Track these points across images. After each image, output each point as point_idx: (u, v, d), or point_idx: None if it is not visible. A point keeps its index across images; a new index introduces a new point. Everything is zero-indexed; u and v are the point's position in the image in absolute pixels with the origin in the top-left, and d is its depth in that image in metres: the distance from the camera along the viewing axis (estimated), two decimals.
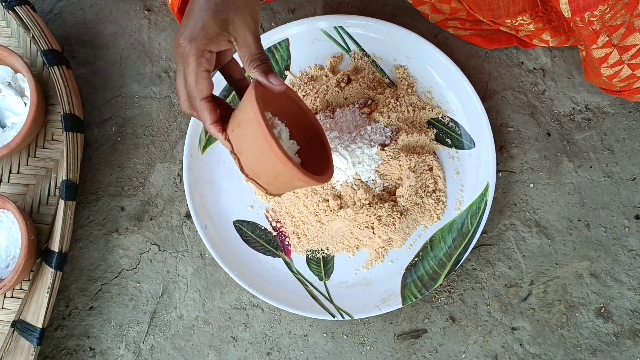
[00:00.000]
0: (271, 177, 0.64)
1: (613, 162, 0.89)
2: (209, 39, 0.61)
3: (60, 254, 0.82)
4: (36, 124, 0.84)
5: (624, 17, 0.74)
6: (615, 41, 0.77)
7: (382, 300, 0.83)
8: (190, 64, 0.60)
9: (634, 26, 0.75)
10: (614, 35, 0.76)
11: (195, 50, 0.60)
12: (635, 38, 0.75)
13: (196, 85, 0.61)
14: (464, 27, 0.91)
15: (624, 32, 0.76)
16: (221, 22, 0.61)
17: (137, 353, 0.86)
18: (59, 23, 0.94)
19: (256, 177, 0.65)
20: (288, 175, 0.62)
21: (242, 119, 0.62)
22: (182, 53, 0.60)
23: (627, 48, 0.78)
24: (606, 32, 0.76)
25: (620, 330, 0.85)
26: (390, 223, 0.82)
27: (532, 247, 0.87)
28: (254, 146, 0.62)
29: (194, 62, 0.60)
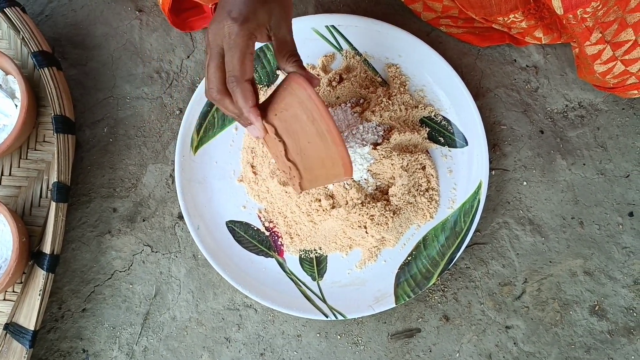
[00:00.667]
0: (316, 163, 0.65)
1: (606, 159, 0.89)
2: (258, 25, 0.61)
3: (52, 256, 0.81)
4: (27, 126, 0.83)
5: (617, 13, 0.74)
6: (608, 37, 0.77)
7: (376, 299, 0.83)
8: (240, 45, 0.59)
9: (626, 22, 0.75)
10: (607, 31, 0.76)
11: (247, 31, 0.59)
12: (628, 34, 0.75)
13: (242, 65, 0.60)
14: (456, 25, 0.90)
15: (617, 28, 0.76)
16: (267, 13, 0.61)
17: (130, 355, 0.86)
18: (49, 24, 0.94)
19: (298, 162, 0.65)
20: (334, 160, 0.63)
21: (291, 102, 0.63)
22: (229, 33, 0.59)
23: (620, 44, 0.77)
24: (599, 28, 0.76)
25: (615, 328, 0.85)
26: (383, 222, 0.82)
27: (525, 245, 0.87)
28: (306, 128, 0.63)
29: (242, 41, 0.59)
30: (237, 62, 0.60)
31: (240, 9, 0.59)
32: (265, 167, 0.85)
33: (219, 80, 0.61)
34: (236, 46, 0.59)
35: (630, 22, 0.75)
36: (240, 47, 0.59)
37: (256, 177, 0.86)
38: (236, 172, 0.88)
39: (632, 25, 0.75)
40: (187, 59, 0.93)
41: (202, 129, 0.88)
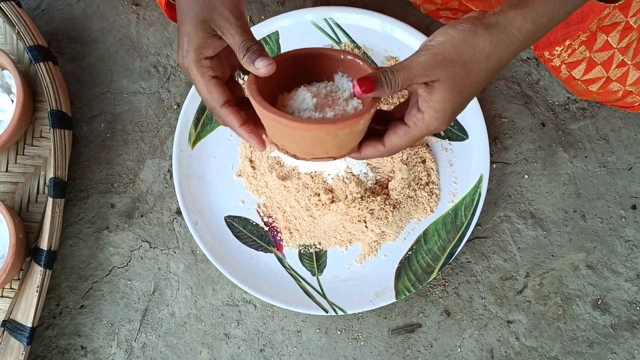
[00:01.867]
0: (318, 146, 0.60)
1: (609, 152, 0.88)
2: (199, 47, 0.58)
3: (49, 252, 0.81)
4: (23, 122, 0.83)
5: (584, 54, 0.75)
6: (577, 75, 0.78)
7: (376, 294, 0.82)
8: (196, 78, 0.58)
9: (595, 61, 0.75)
10: (575, 70, 0.77)
11: (192, 63, 0.58)
12: (598, 71, 0.76)
13: (210, 94, 0.59)
14: (456, 17, 0.89)
15: (585, 67, 0.76)
16: (202, 25, 0.59)
17: (129, 351, 0.85)
18: (46, 19, 0.93)
19: (310, 155, 0.61)
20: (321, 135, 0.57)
21: (260, 116, 0.60)
22: (186, 72, 0.59)
23: (592, 81, 0.78)
24: (567, 67, 0.77)
25: (618, 322, 0.84)
26: (382, 216, 0.81)
27: (527, 239, 0.86)
28: (282, 134, 0.59)
29: (197, 74, 0.58)
30: (205, 94, 0.59)
31: (181, 43, 0.58)
32: (263, 162, 0.84)
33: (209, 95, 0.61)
34: (194, 81, 0.59)
35: (599, 61, 0.75)
36: (197, 80, 0.58)
37: (255, 171, 0.85)
38: (234, 166, 0.87)
39: (600, 63, 0.76)
40: None
41: (200, 123, 0.87)
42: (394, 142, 0.58)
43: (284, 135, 0.60)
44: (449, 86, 0.54)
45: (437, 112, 0.55)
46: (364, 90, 0.54)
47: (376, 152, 0.60)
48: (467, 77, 0.54)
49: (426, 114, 0.55)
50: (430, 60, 0.54)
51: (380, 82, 0.54)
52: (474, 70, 0.54)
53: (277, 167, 0.83)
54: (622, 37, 0.74)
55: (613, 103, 0.84)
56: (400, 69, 0.54)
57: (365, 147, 0.60)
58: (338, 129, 0.55)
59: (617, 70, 0.76)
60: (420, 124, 0.56)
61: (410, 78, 0.54)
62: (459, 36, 0.54)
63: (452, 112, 0.55)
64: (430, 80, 0.54)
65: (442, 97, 0.54)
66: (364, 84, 0.54)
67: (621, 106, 0.84)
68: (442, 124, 0.56)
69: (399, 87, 0.55)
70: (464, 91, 0.55)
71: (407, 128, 0.57)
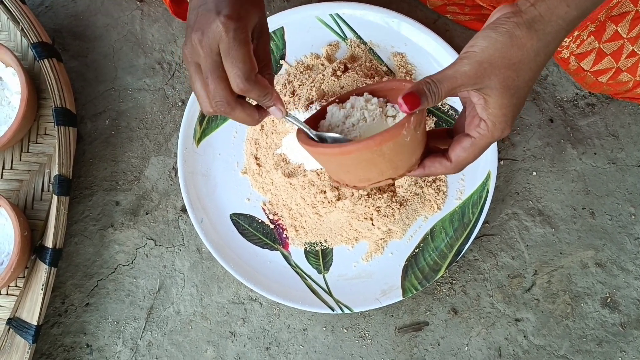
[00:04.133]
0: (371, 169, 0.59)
1: (618, 148, 0.87)
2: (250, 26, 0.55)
3: (54, 250, 0.81)
4: (27, 119, 0.82)
5: (593, 45, 0.74)
6: (587, 67, 0.76)
7: (382, 292, 0.81)
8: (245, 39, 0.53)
9: (604, 51, 0.74)
10: (584, 61, 0.76)
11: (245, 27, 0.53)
12: (608, 62, 0.75)
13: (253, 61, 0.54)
14: (463, 12, 0.88)
15: (594, 58, 0.75)
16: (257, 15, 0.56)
17: (134, 349, 0.85)
18: (50, 15, 0.93)
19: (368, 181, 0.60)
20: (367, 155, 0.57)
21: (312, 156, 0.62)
22: (226, 31, 0.52)
23: (601, 72, 0.77)
24: (576, 59, 0.76)
25: (627, 321, 0.83)
26: (389, 214, 0.81)
27: (535, 237, 0.85)
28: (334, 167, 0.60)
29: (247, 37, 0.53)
30: (248, 60, 0.53)
31: (233, 6, 0.53)
32: (269, 159, 0.83)
33: (225, 90, 0.55)
34: (240, 42, 0.53)
35: (609, 52, 0.74)
36: (246, 42, 0.53)
37: (260, 168, 0.85)
38: (240, 164, 0.87)
39: (610, 54, 0.74)
40: None
41: (205, 120, 0.86)
42: (461, 156, 0.57)
43: (336, 167, 0.60)
44: (502, 92, 0.52)
45: (497, 117, 0.54)
46: (411, 107, 0.53)
47: (442, 167, 0.58)
48: (519, 78, 0.52)
49: (488, 121, 0.54)
50: (475, 69, 0.52)
51: (425, 95, 0.53)
52: (524, 70, 0.52)
53: (283, 164, 0.82)
54: (632, 27, 0.72)
55: (623, 95, 0.83)
56: (443, 79, 0.53)
57: (430, 163, 0.58)
58: (380, 144, 0.54)
59: (627, 61, 0.75)
60: (484, 132, 0.55)
61: (454, 88, 0.53)
62: (503, 39, 0.51)
63: (512, 114, 0.54)
64: (477, 87, 0.53)
65: (498, 103, 0.53)
66: (409, 101, 0.53)
67: (631, 97, 0.83)
68: (506, 129, 0.55)
69: (442, 98, 0.54)
70: (519, 92, 0.53)
71: (472, 139, 0.56)
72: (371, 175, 0.59)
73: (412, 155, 0.58)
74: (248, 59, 0.53)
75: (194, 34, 0.53)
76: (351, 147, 0.55)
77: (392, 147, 0.55)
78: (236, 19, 0.52)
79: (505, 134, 0.55)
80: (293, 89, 0.83)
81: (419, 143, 0.58)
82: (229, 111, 0.56)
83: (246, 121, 0.58)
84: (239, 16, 0.53)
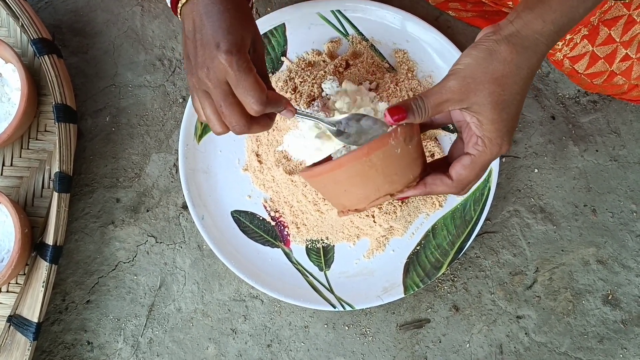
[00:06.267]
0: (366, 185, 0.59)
1: (620, 146, 0.87)
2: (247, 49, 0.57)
3: (55, 247, 0.80)
4: (28, 115, 0.82)
5: (586, 48, 0.74)
6: (580, 69, 0.77)
7: (384, 290, 0.81)
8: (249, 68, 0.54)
9: (597, 55, 0.74)
10: (578, 64, 0.76)
11: (245, 56, 0.55)
12: (601, 65, 0.76)
13: (262, 85, 0.55)
14: (465, 9, 0.88)
15: (588, 61, 0.75)
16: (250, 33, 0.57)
17: (135, 347, 0.85)
18: (50, 11, 0.92)
19: (366, 199, 0.60)
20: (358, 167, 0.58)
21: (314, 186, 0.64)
22: (229, 65, 0.54)
23: (595, 75, 0.77)
24: (569, 62, 0.76)
25: (629, 318, 0.83)
26: (391, 211, 0.81)
27: (537, 234, 0.85)
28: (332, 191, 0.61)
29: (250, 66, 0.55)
30: (257, 86, 0.55)
31: (228, 39, 0.54)
32: (270, 156, 0.83)
33: (240, 114, 0.56)
34: (245, 71, 0.54)
35: (602, 55, 0.74)
36: (250, 69, 0.55)
37: (261, 165, 0.84)
38: (241, 160, 0.86)
39: (603, 57, 0.75)
40: None
41: None
42: (461, 174, 0.58)
43: (334, 188, 0.61)
44: (491, 107, 0.54)
45: (492, 133, 0.55)
46: (396, 119, 0.56)
47: (444, 185, 0.59)
48: (505, 92, 0.54)
49: (485, 138, 0.55)
50: (459, 84, 0.54)
51: (411, 109, 0.55)
52: (508, 84, 0.54)
53: (284, 161, 0.82)
54: (625, 31, 0.73)
55: (620, 96, 0.83)
56: (430, 95, 0.55)
57: (431, 180, 0.59)
58: (368, 154, 0.56)
59: (621, 64, 0.75)
60: (482, 149, 0.56)
61: (440, 103, 0.55)
62: (484, 55, 0.53)
63: (506, 129, 0.55)
64: (466, 105, 0.54)
65: (489, 119, 0.54)
66: (395, 113, 0.55)
67: (628, 99, 0.83)
68: (504, 144, 0.56)
69: (429, 113, 0.56)
70: (508, 106, 0.54)
71: (472, 156, 0.57)
72: (368, 192, 0.60)
73: (407, 171, 0.59)
74: (257, 85, 0.55)
75: (199, 70, 0.55)
76: (342, 159, 0.57)
77: (381, 157, 0.56)
78: (236, 51, 0.54)
79: (504, 150, 0.56)
80: (294, 86, 0.83)
81: (414, 160, 0.59)
82: (246, 130, 0.58)
83: (263, 130, 0.61)
84: (238, 47, 0.54)
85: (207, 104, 0.57)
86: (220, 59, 0.53)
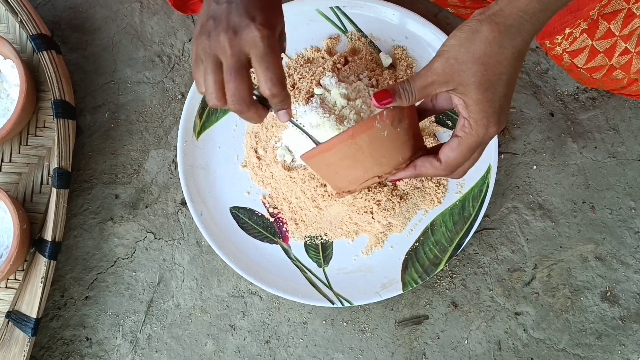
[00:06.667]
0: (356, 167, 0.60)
1: (619, 142, 0.87)
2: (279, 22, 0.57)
3: (53, 243, 0.80)
4: (26, 111, 0.82)
5: (585, 42, 0.74)
6: (580, 64, 0.77)
7: (382, 286, 0.81)
8: (277, 49, 0.55)
9: (597, 49, 0.74)
10: (577, 58, 0.76)
11: (276, 36, 0.55)
12: (601, 59, 0.75)
13: (282, 70, 0.55)
14: (464, 6, 0.88)
15: (587, 55, 0.75)
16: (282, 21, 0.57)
17: (134, 343, 0.85)
18: (49, 8, 0.92)
19: (357, 181, 0.61)
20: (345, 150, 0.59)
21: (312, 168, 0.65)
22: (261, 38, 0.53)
23: (595, 69, 0.77)
24: (569, 56, 0.76)
25: (627, 314, 0.83)
26: (389, 207, 0.81)
27: (535, 231, 0.85)
28: (325, 172, 0.63)
29: (278, 48, 0.55)
30: (280, 66, 0.54)
31: (266, 14, 0.54)
32: (269, 152, 0.83)
33: (246, 90, 0.55)
34: (274, 49, 0.54)
35: (601, 49, 0.74)
36: (278, 50, 0.54)
37: (260, 162, 0.84)
38: (240, 157, 0.86)
39: (602, 51, 0.75)
40: (188, 43, 0.91)
41: (205, 113, 0.86)
42: (450, 156, 0.58)
43: (327, 170, 0.62)
44: (475, 87, 0.53)
45: (477, 114, 0.55)
46: (383, 104, 0.56)
47: (432, 167, 0.59)
48: (487, 72, 0.53)
49: (470, 119, 0.55)
50: (443, 65, 0.54)
51: (397, 92, 0.55)
52: (491, 63, 0.53)
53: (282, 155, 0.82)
54: (625, 25, 0.73)
55: (619, 91, 0.83)
56: (416, 78, 0.55)
57: (420, 163, 0.60)
58: (353, 136, 0.57)
59: (620, 58, 0.75)
60: (468, 130, 0.56)
61: (426, 85, 0.55)
62: (466, 35, 0.53)
63: (492, 110, 0.55)
64: (452, 87, 0.54)
65: (473, 99, 0.54)
66: (381, 97, 0.56)
67: (627, 94, 0.83)
68: (490, 125, 0.55)
69: (416, 95, 0.55)
70: (493, 86, 0.54)
71: (459, 138, 0.57)
72: (357, 174, 0.60)
73: (397, 153, 0.59)
74: (280, 66, 0.55)
75: (223, 32, 0.53)
76: (330, 142, 0.58)
77: (367, 140, 0.57)
78: (271, 27, 0.54)
79: (492, 131, 0.56)
80: (293, 82, 0.83)
81: (404, 143, 0.59)
82: (244, 110, 0.56)
83: (254, 120, 0.59)
84: (272, 25, 0.54)
85: (211, 70, 0.55)
86: (255, 29, 0.52)
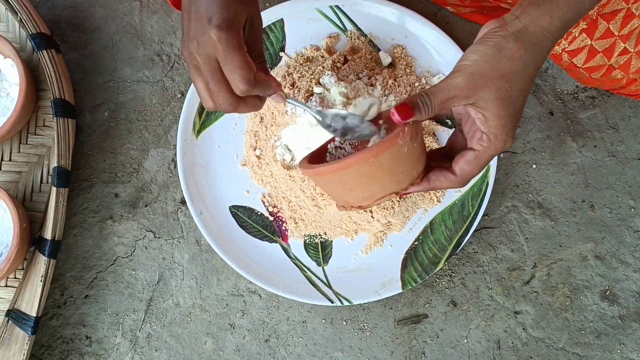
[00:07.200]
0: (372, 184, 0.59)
1: (618, 141, 0.87)
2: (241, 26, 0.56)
3: (53, 242, 0.80)
4: (26, 110, 0.82)
5: (584, 42, 0.74)
6: (579, 63, 0.77)
7: (382, 285, 0.81)
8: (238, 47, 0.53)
9: (596, 49, 0.74)
10: (576, 58, 0.76)
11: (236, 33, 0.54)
12: (600, 59, 0.75)
13: (250, 64, 0.54)
14: (463, 4, 0.88)
15: (587, 55, 0.75)
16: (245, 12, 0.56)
17: (133, 341, 0.85)
18: (48, 7, 0.92)
19: (371, 198, 0.60)
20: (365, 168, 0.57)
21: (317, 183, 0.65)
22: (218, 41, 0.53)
23: (594, 69, 0.77)
24: (568, 55, 0.76)
25: (626, 313, 0.83)
26: (389, 206, 0.81)
27: (534, 229, 0.85)
28: (337, 188, 0.60)
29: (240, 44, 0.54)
30: (246, 65, 0.54)
31: (221, 14, 0.53)
32: (268, 151, 0.83)
33: (227, 92, 0.55)
34: (235, 50, 0.53)
35: (600, 49, 0.74)
36: (240, 46, 0.54)
37: (260, 161, 0.84)
38: (239, 156, 0.86)
39: (601, 51, 0.75)
40: None
41: (204, 112, 0.86)
42: (465, 169, 0.58)
43: (338, 186, 0.60)
44: (498, 103, 0.54)
45: (497, 129, 0.55)
46: (403, 117, 0.55)
47: (447, 181, 0.59)
48: (512, 88, 0.54)
49: (490, 134, 0.55)
50: (467, 80, 0.54)
51: (418, 107, 0.55)
52: (515, 80, 0.54)
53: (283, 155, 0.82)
54: (624, 25, 0.73)
55: (618, 91, 0.83)
56: (437, 92, 0.55)
57: (434, 177, 0.60)
58: (377, 155, 0.55)
59: (619, 58, 0.75)
60: (487, 144, 0.56)
61: (447, 100, 0.55)
62: (492, 52, 0.53)
63: (511, 125, 0.55)
64: (472, 101, 0.54)
65: (496, 115, 0.54)
66: (402, 111, 0.55)
67: (627, 94, 0.83)
68: (508, 139, 0.56)
69: (435, 110, 0.55)
70: (514, 103, 0.55)
71: (476, 152, 0.57)
72: (374, 191, 0.59)
73: (412, 168, 0.59)
74: (245, 64, 0.54)
75: (190, 42, 0.54)
76: (350, 160, 0.56)
77: (389, 157, 0.56)
78: (227, 27, 0.53)
79: (508, 146, 0.56)
80: (293, 81, 0.83)
81: (419, 157, 0.59)
82: (233, 108, 0.57)
83: (251, 111, 0.60)
84: (229, 23, 0.53)
85: (198, 79, 0.56)
86: (211, 34, 0.52)
